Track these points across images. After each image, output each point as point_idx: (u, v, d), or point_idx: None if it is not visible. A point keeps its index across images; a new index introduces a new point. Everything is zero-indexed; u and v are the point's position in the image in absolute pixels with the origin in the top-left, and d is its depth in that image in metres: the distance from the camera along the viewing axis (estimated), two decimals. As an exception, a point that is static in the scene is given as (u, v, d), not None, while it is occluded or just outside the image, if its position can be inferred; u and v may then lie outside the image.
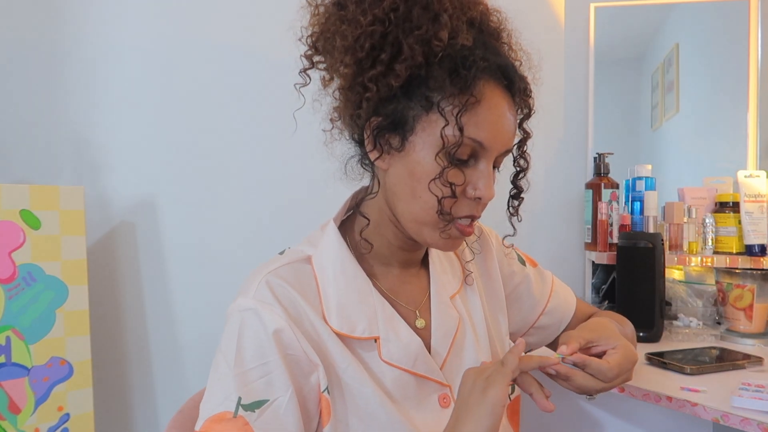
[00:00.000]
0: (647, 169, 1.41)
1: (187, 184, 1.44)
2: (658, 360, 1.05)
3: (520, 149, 0.70)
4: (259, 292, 0.65)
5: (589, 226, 1.47)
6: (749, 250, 1.30)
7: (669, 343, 1.20)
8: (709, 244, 1.34)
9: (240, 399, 0.60)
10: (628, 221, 1.37)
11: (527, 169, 0.71)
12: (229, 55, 1.43)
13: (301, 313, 0.65)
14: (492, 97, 0.62)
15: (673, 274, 1.48)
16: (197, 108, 1.43)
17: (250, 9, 1.43)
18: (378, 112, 0.64)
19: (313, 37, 0.67)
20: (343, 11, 0.63)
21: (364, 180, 0.75)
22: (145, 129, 1.42)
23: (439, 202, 0.62)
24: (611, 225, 1.40)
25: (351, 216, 0.76)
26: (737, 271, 1.25)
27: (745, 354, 1.10)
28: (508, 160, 0.70)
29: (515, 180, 0.71)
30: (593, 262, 1.46)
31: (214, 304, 1.41)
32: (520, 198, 0.72)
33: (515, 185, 0.72)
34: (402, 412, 0.66)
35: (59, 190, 1.21)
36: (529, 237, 1.51)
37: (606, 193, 1.43)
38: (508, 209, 0.72)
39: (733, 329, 1.25)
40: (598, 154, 1.48)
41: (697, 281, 1.43)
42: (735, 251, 1.33)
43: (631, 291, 1.24)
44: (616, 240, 1.36)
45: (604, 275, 1.48)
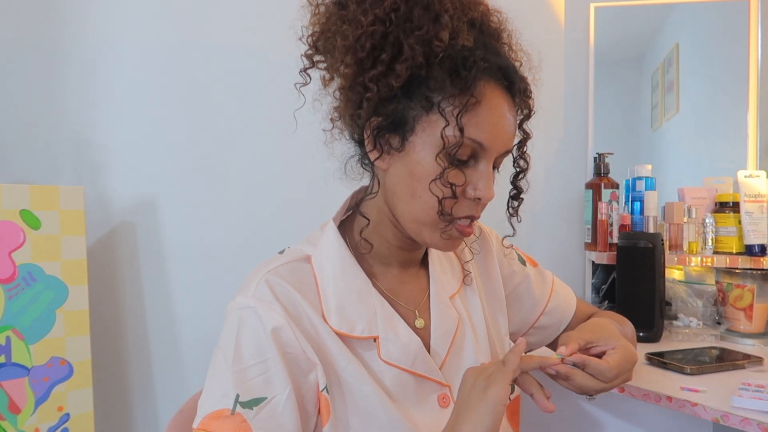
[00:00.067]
0: (647, 169, 1.41)
1: (187, 184, 1.44)
2: (658, 360, 1.05)
3: (519, 150, 0.70)
4: (258, 290, 0.65)
5: (589, 226, 1.47)
6: (749, 250, 1.30)
7: (669, 343, 1.20)
8: (709, 244, 1.35)
9: (238, 396, 0.60)
10: (628, 221, 1.37)
11: (527, 169, 0.71)
12: (229, 55, 1.43)
13: (300, 312, 0.65)
14: (492, 98, 0.62)
15: (673, 274, 1.48)
16: (197, 108, 1.43)
17: (250, 9, 1.42)
18: (378, 112, 0.64)
19: (314, 37, 0.67)
20: (344, 11, 0.63)
21: (364, 180, 0.75)
22: (145, 129, 1.42)
23: (439, 203, 0.62)
24: (611, 225, 1.40)
25: (351, 216, 0.76)
26: (737, 271, 1.25)
27: (745, 354, 1.10)
28: (508, 160, 0.70)
29: (515, 180, 0.71)
30: (593, 262, 1.46)
31: (214, 303, 1.40)
32: (520, 198, 0.72)
33: (515, 186, 0.72)
34: (402, 411, 0.66)
35: (59, 190, 1.20)
36: (529, 237, 1.51)
37: (606, 193, 1.43)
38: (508, 210, 0.72)
39: (733, 329, 1.25)
40: (598, 154, 1.48)
41: (697, 281, 1.43)
42: (735, 251, 1.33)
43: (631, 291, 1.24)
44: (616, 240, 1.36)
45: (604, 275, 1.48)
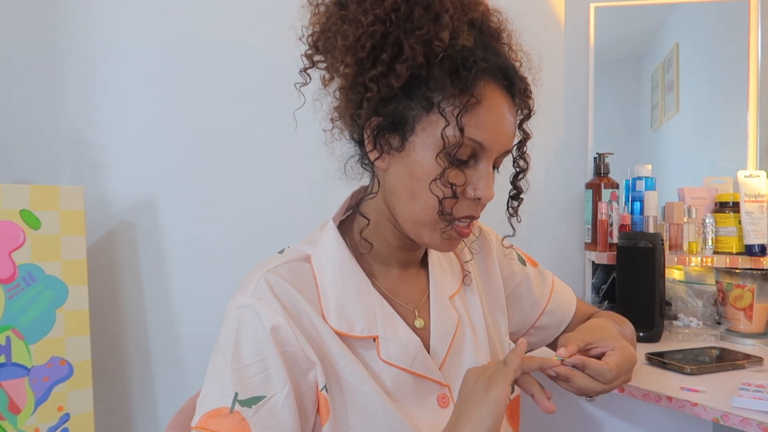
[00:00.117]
0: (647, 169, 1.41)
1: (187, 184, 1.44)
2: (658, 360, 1.05)
3: (519, 150, 0.70)
4: (257, 289, 0.65)
5: (589, 226, 1.47)
6: (749, 250, 1.30)
7: (669, 343, 1.20)
8: (709, 244, 1.35)
9: (237, 394, 0.60)
10: (628, 221, 1.37)
11: (527, 169, 0.71)
12: (229, 55, 1.43)
13: (300, 311, 0.65)
14: (492, 98, 0.62)
15: (673, 274, 1.48)
16: (197, 108, 1.43)
17: (250, 9, 1.42)
18: (378, 112, 0.64)
19: (314, 37, 0.67)
20: (344, 11, 0.63)
21: (364, 180, 0.75)
22: (145, 129, 1.42)
23: (440, 203, 0.62)
24: (611, 225, 1.40)
25: (350, 216, 0.76)
26: (737, 271, 1.25)
27: (745, 354, 1.10)
28: (508, 160, 0.70)
29: (515, 180, 0.71)
30: (593, 262, 1.46)
31: (214, 303, 1.40)
32: (520, 198, 0.72)
33: (515, 186, 0.72)
34: (401, 410, 0.66)
35: (59, 190, 1.20)
36: (529, 237, 1.51)
37: (606, 193, 1.43)
38: (508, 210, 0.72)
39: (733, 329, 1.25)
40: (598, 154, 1.48)
41: (697, 281, 1.43)
42: (735, 251, 1.33)
43: (631, 291, 1.24)
44: (616, 240, 1.36)
45: (604, 275, 1.48)
